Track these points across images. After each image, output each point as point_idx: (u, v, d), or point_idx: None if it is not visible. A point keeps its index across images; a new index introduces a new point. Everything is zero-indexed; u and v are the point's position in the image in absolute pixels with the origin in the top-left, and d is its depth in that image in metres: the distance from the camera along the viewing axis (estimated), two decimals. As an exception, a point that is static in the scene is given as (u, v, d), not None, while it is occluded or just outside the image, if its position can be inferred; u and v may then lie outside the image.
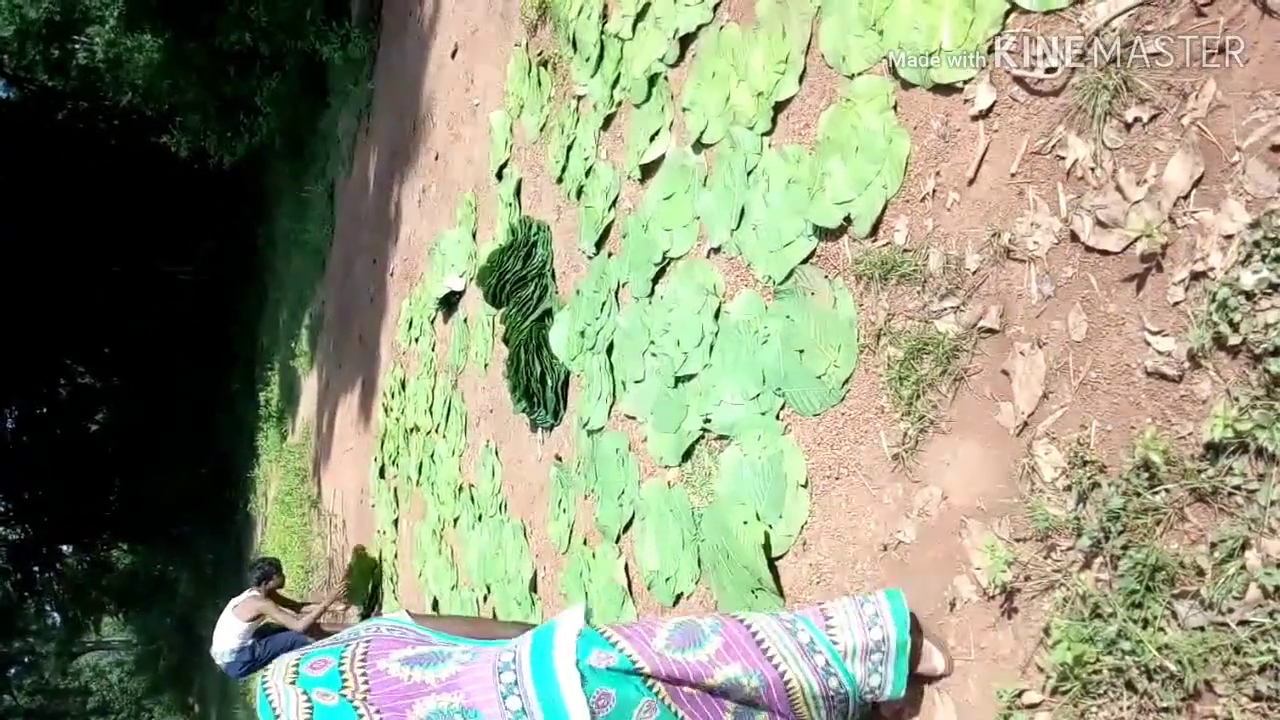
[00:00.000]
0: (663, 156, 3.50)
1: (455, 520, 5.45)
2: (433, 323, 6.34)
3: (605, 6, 4.06)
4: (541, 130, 4.70)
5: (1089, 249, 1.83)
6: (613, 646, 1.84)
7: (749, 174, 2.94)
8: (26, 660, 29.31)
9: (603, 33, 4.03)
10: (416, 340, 6.72)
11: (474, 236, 5.65)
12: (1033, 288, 1.93)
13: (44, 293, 18.21)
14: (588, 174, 4.11)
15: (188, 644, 27.95)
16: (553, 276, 4.42)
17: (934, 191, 2.20)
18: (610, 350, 3.71)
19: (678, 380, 3.20)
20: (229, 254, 21.21)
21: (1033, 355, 1.92)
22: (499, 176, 5.25)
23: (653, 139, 3.55)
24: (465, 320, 5.65)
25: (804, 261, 2.65)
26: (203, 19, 12.81)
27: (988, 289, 2.03)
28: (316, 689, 1.70)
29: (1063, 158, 1.90)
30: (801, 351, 2.61)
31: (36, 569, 23.38)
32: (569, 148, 4.31)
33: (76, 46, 22.60)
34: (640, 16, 3.73)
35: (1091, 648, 1.72)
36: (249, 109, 13.12)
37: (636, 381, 3.47)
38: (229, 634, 6.67)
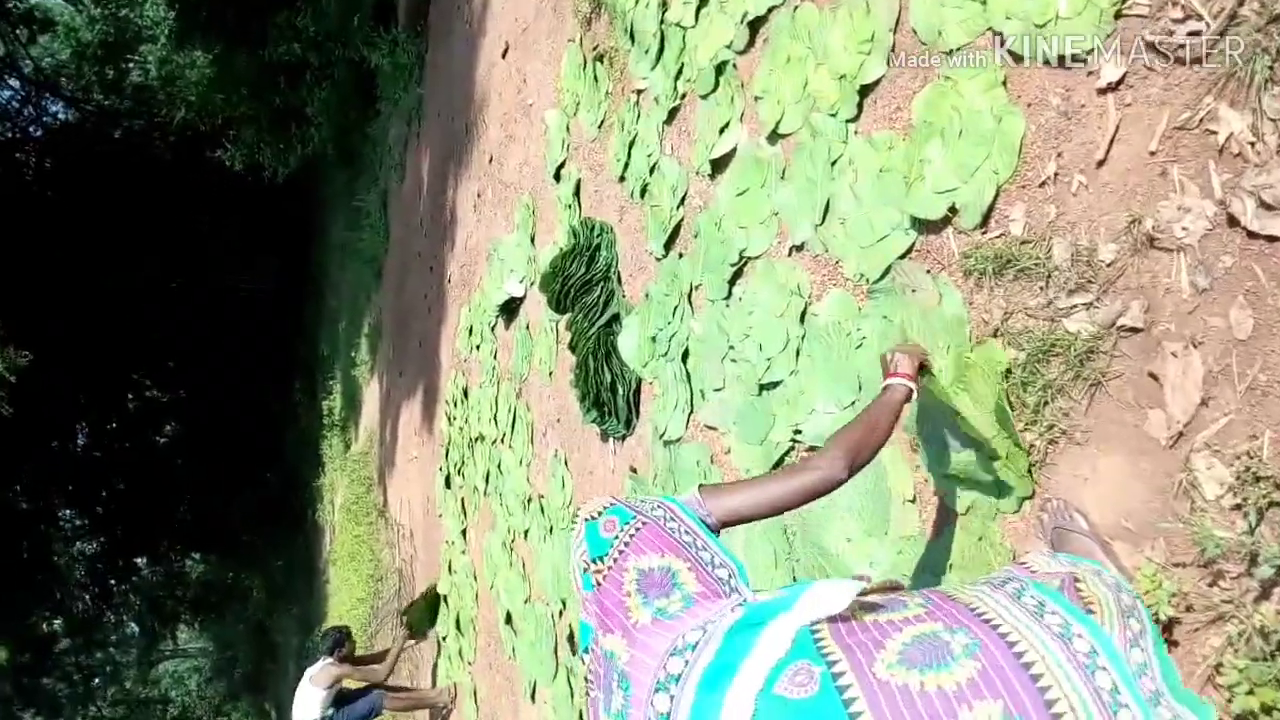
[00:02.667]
0: (734, 149, 3.30)
1: (525, 532, 5.32)
2: (493, 329, 6.22)
3: (665, -6, 3.88)
4: (600, 127, 4.54)
5: (1252, 234, 1.61)
6: (822, 660, 1.32)
7: (833, 164, 2.74)
8: (108, 670, 30.09)
9: (663, 22, 3.85)
10: (477, 348, 6.61)
11: (533, 240, 5.51)
12: (1184, 280, 1.72)
13: (109, 310, 18.56)
14: (652, 171, 3.93)
15: (262, 650, 28.47)
16: (619, 280, 4.26)
17: (1056, 175, 1.98)
18: (685, 356, 3.53)
19: (762, 388, 3.01)
20: (287, 265, 21.47)
21: (1187, 356, 1.71)
22: (557, 177, 5.10)
23: (722, 131, 3.36)
24: (527, 327, 5.51)
25: (901, 257, 2.44)
26: (252, 31, 12.89)
27: (1127, 282, 1.82)
28: None
29: (1214, 132, 1.68)
30: (903, 355, 2.41)
31: (113, 582, 23.97)
32: (630, 144, 4.14)
33: (130, 65, 23.13)
34: (704, 2, 3.53)
35: None
36: (301, 119, 13.18)
37: (716, 390, 3.29)
38: (309, 704, 6.69)
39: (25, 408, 12.59)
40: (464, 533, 6.79)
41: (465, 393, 6.95)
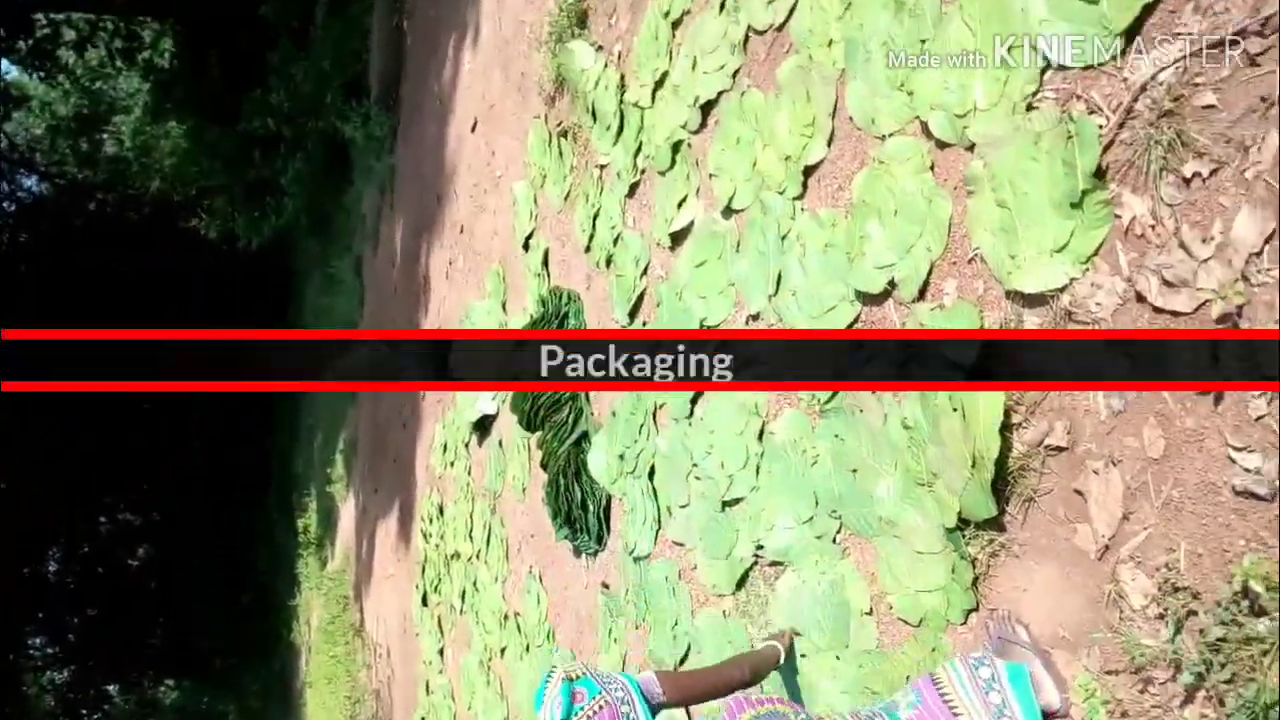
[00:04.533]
0: (692, 223, 3.57)
1: (502, 650, 5.45)
2: (467, 446, 6.46)
3: (622, 77, 4.20)
4: (566, 199, 4.82)
5: (1157, 310, 1.80)
6: None
7: (783, 239, 2.98)
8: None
9: (621, 102, 4.16)
10: (452, 464, 6.84)
11: (504, 307, 5.80)
12: (1100, 402, 1.93)
13: (80, 427, 18.92)
14: (616, 242, 4.21)
15: (237, 781, 28.20)
16: (587, 398, 4.49)
17: (979, 253, 2.21)
18: (652, 474, 3.74)
19: (725, 504, 3.21)
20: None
21: (1108, 474, 1.90)
22: (525, 247, 5.40)
23: (680, 205, 3.64)
24: (500, 443, 5.74)
25: (849, 327, 2.67)
26: (226, 106, 13.52)
27: (1050, 405, 2.04)
28: None
29: (1119, 215, 1.88)
30: (855, 471, 2.60)
31: (84, 711, 24.11)
32: (595, 216, 4.42)
33: (104, 137, 24.09)
34: (659, 85, 3.84)
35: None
36: (274, 190, 13.71)
37: (682, 506, 3.50)
38: None
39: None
40: (441, 651, 6.90)
41: (441, 509, 7.15)
